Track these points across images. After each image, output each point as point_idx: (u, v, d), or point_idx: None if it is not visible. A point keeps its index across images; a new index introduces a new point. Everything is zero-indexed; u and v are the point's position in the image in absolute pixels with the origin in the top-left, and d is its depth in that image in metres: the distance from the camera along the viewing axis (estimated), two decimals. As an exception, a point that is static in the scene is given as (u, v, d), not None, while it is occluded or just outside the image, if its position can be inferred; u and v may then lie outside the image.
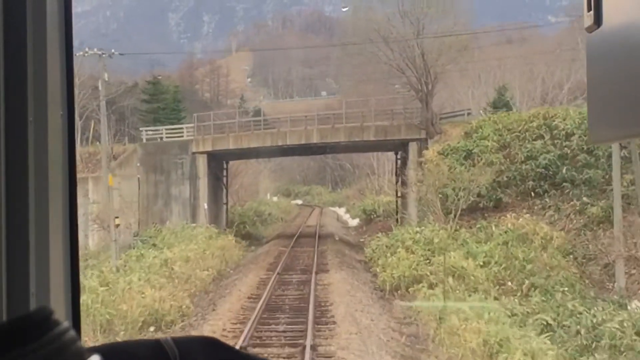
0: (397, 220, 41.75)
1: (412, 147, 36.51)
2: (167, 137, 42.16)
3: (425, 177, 33.30)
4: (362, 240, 44.83)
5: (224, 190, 44.71)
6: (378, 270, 25.03)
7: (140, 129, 42.72)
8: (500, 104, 44.89)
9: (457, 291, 22.59)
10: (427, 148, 35.55)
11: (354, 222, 57.33)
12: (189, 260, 25.83)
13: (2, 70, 1.21)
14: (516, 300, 22.72)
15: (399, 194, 41.54)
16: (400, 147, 38.14)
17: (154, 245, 30.32)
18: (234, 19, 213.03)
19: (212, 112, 43.33)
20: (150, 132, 42.62)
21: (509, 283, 24.52)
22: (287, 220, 61.00)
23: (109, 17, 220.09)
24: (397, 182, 41.90)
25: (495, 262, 25.20)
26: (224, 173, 44.75)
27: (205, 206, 37.92)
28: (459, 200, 31.05)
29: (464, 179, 31.83)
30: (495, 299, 22.98)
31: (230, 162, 47.91)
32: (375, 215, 49.94)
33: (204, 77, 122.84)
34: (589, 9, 0.99)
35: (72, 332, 0.78)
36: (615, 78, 0.93)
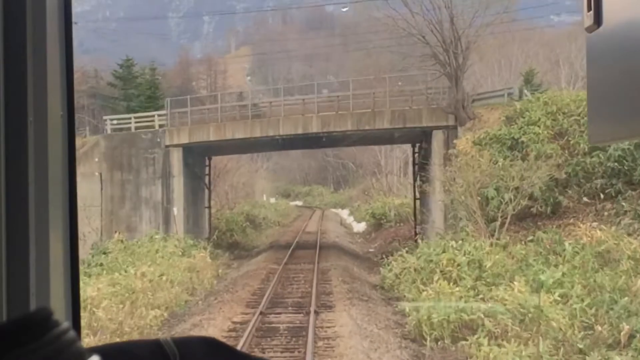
0: (415, 230, 33.17)
1: (437, 137, 27.95)
2: (136, 128, 33.63)
3: (458, 173, 24.77)
4: (371, 250, 36.29)
5: (206, 192, 36.13)
6: (407, 309, 16.43)
7: (105, 117, 34.11)
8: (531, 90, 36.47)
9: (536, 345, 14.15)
10: (457, 137, 27.02)
11: (360, 227, 48.73)
12: (134, 292, 17.30)
13: (2, 70, 1.18)
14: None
15: (417, 196, 32.96)
16: (421, 137, 29.55)
17: (100, 265, 21.81)
18: (234, 19, 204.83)
19: (189, 96, 34.77)
20: (116, 122, 34.04)
21: (598, 327, 15.91)
22: (285, 225, 52.39)
23: (108, 17, 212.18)
24: (415, 181, 33.29)
25: (577, 296, 16.67)
26: (206, 171, 36.15)
27: (175, 211, 29.39)
28: (506, 204, 22.49)
29: (511, 175, 23.30)
30: (583, 352, 14.76)
31: (215, 158, 39.31)
32: (385, 220, 41.39)
33: (201, 74, 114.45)
34: (589, 9, 0.95)
35: (72, 333, 0.75)
36: (615, 78, 0.90)
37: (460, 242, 20.80)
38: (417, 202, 32.73)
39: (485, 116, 27.35)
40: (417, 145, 32.65)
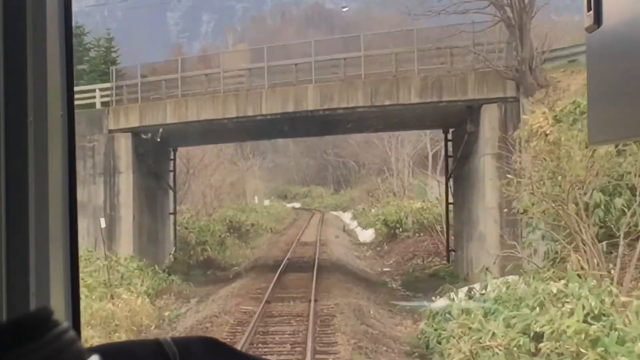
0: (448, 245, 23.70)
1: (489, 114, 18.46)
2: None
3: (534, 166, 15.26)
4: (386, 269, 26.75)
5: (170, 193, 26.58)
6: None
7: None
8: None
9: None
10: (522, 113, 17.55)
11: (367, 236, 39.16)
12: None
13: (2, 70, 1.15)
14: None
15: (451, 199, 23.47)
16: (462, 117, 19.96)
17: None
18: (233, 18, 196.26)
19: (140, 63, 25.22)
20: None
21: None
22: (277, 232, 42.74)
23: (107, 17, 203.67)
24: (447, 179, 23.72)
25: None
26: (171, 166, 26.63)
27: (103, 223, 19.77)
28: (632, 215, 12.94)
29: (626, 171, 13.82)
30: None
31: (187, 151, 29.82)
32: (400, 229, 31.83)
33: (195, 69, 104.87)
34: (589, 9, 0.92)
35: (72, 332, 0.73)
36: (615, 78, 0.88)
37: (564, 282, 11.28)
38: (453, 207, 23.20)
39: (564, 82, 17.79)
40: (451, 130, 23.15)
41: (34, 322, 0.70)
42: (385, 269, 26.83)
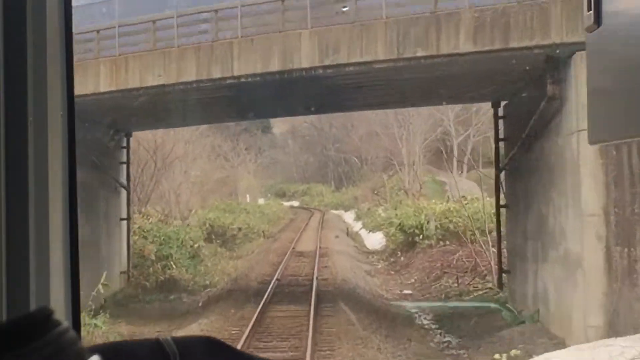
0: (500, 262, 16.64)
1: (584, 65, 11.27)
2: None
3: None
4: (407, 291, 19.60)
5: (123, 193, 19.44)
6: None
7: None
8: None
9: None
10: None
11: (376, 241, 31.99)
12: None
13: (2, 70, 1.11)
14: None
15: (502, 200, 16.30)
16: (534, 76, 12.74)
17: None
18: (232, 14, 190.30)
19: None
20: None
21: None
22: (270, 236, 35.52)
23: (105, 14, 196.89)
24: (499, 172, 16.48)
25: None
26: (123, 156, 19.50)
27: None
28: None
29: None
30: None
31: (150, 138, 22.66)
32: (421, 236, 24.62)
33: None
34: (589, 9, 0.91)
35: (72, 333, 0.72)
36: (615, 78, 0.88)
37: None
38: (508, 211, 16.01)
39: None
40: (505, 103, 16.01)
41: (34, 322, 0.68)
42: (406, 291, 19.75)
